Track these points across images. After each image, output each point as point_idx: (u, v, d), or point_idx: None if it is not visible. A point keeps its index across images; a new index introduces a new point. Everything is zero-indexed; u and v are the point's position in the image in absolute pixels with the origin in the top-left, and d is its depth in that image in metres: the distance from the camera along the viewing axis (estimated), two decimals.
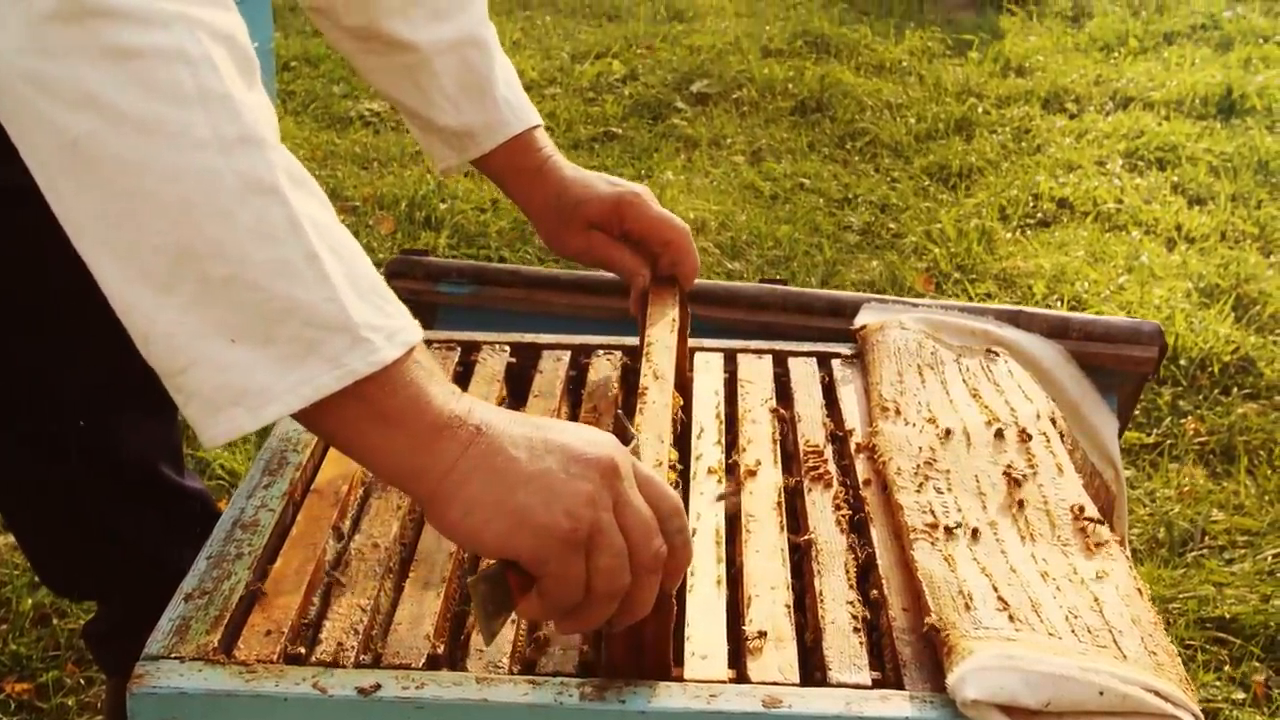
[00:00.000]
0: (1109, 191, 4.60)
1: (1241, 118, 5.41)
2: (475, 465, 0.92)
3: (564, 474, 0.93)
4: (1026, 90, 5.73)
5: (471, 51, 1.53)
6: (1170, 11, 7.03)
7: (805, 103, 5.51)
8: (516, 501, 0.91)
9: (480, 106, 1.53)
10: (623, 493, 0.94)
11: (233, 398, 0.89)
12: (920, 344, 1.58)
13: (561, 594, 0.94)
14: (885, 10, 7.01)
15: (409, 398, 0.92)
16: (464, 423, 0.93)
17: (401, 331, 0.92)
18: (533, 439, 0.94)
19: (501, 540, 0.93)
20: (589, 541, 0.93)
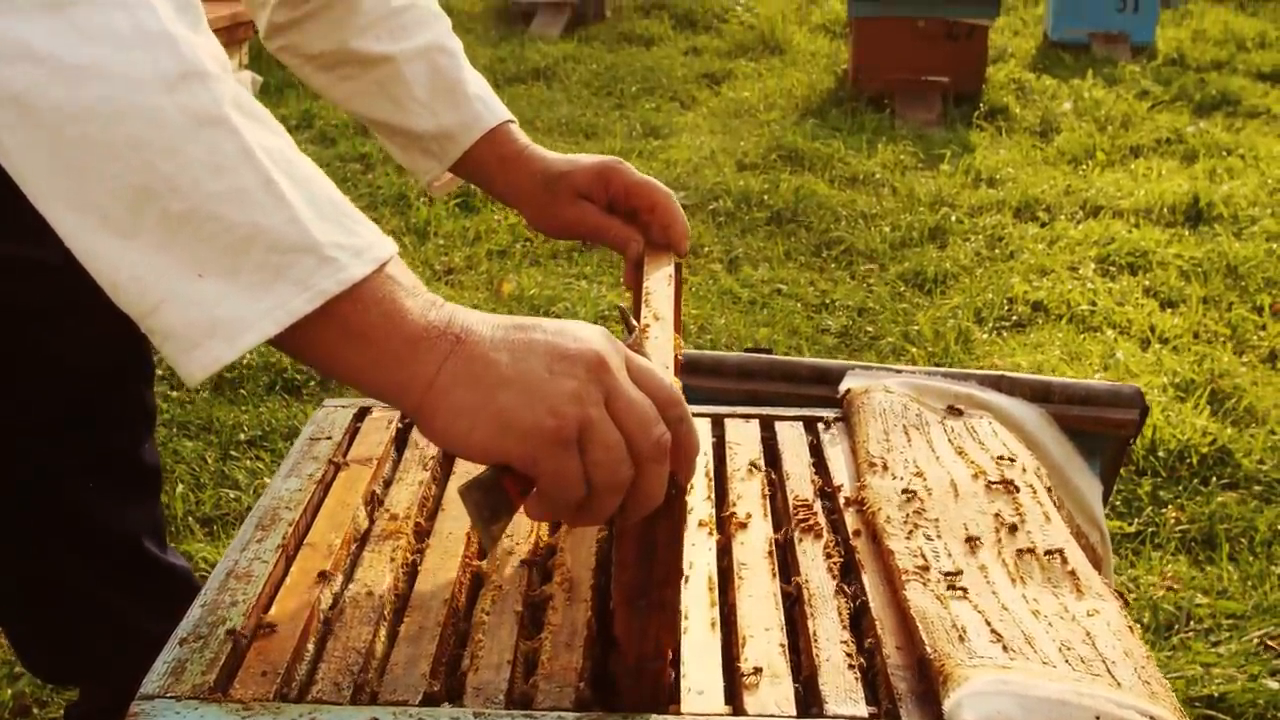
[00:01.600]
0: (1082, 294, 4.66)
1: (1209, 224, 5.52)
2: (457, 373, 0.92)
3: (547, 373, 0.92)
4: (998, 200, 5.84)
5: (440, 57, 1.56)
6: (1135, 127, 7.19)
7: (781, 213, 5.59)
8: (499, 405, 0.91)
9: (454, 107, 1.54)
10: (613, 385, 0.93)
11: (207, 330, 0.88)
12: (905, 406, 1.60)
13: (560, 493, 0.93)
14: (857, 127, 7.15)
15: (383, 314, 0.91)
16: (443, 332, 0.92)
17: (370, 248, 0.91)
18: (515, 341, 0.93)
19: (488, 445, 0.92)
20: (580, 437, 0.91)
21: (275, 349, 0.92)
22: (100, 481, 1.74)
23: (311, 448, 1.52)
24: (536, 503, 0.95)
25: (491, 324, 0.95)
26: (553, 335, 0.94)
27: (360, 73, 1.56)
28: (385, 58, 1.54)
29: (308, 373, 3.80)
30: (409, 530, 1.36)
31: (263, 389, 3.70)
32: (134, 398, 1.77)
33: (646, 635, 1.05)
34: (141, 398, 1.78)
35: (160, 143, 0.86)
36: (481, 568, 1.30)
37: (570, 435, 0.91)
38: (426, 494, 1.44)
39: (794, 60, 8.97)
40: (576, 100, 7.57)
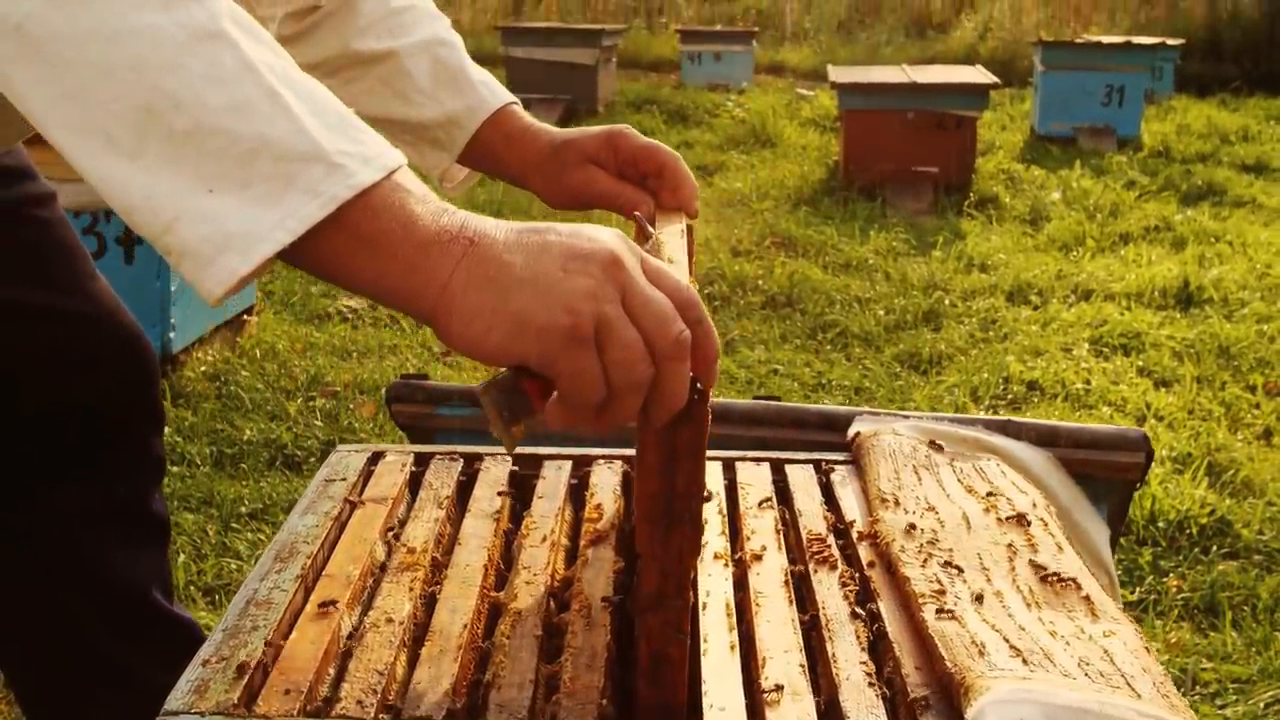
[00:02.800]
0: (1077, 374, 4.70)
1: (1200, 307, 5.57)
2: (470, 276, 0.91)
3: (561, 271, 0.91)
4: (990, 284, 5.89)
5: (440, 50, 1.58)
6: (1124, 215, 7.28)
7: (775, 297, 5.64)
8: (514, 306, 0.90)
9: (459, 94, 1.56)
10: (630, 282, 0.92)
11: (222, 245, 0.87)
12: (914, 448, 1.62)
13: (580, 393, 0.92)
14: (849, 215, 7.23)
15: (395, 219, 0.91)
16: (456, 236, 0.92)
17: (379, 156, 0.91)
18: (529, 243, 0.93)
19: (505, 346, 0.91)
20: (597, 335, 0.91)
21: (289, 265, 0.91)
22: (110, 530, 1.74)
23: (327, 488, 1.53)
24: (557, 406, 0.94)
25: (505, 228, 0.94)
26: (567, 236, 0.94)
27: (364, 72, 1.58)
28: (387, 53, 1.56)
29: (308, 449, 3.81)
30: (426, 563, 1.37)
31: (263, 464, 3.71)
32: (143, 446, 1.78)
33: (669, 550, 1.03)
34: (151, 447, 1.79)
35: (160, 60, 0.86)
36: (499, 598, 1.31)
37: (586, 333, 0.90)
38: (442, 530, 1.45)
39: (785, 153, 9.09)
40: None
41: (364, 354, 4.81)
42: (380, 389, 4.35)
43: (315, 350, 4.82)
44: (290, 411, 4.10)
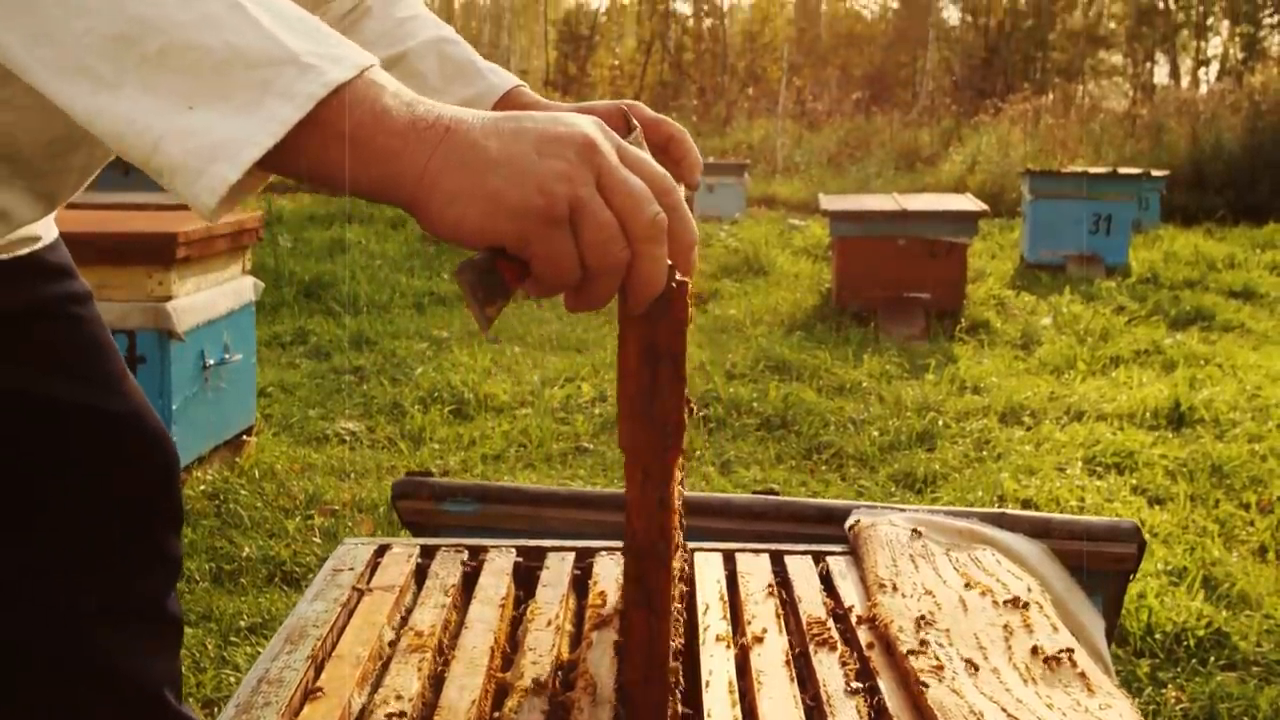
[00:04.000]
0: (1071, 492, 4.73)
1: (1192, 427, 5.62)
2: (447, 161, 0.93)
3: (536, 154, 0.93)
4: (983, 406, 5.94)
5: (446, 46, 1.62)
6: (1114, 339, 7.36)
7: (770, 419, 5.68)
8: (489, 187, 0.92)
9: (468, 83, 1.59)
10: (605, 165, 0.94)
11: (208, 156, 0.89)
12: (911, 538, 1.65)
13: (554, 273, 0.94)
14: (842, 340, 7.31)
15: (370, 112, 0.93)
16: (432, 124, 0.94)
17: (349, 57, 0.93)
18: (504, 128, 0.94)
19: (480, 226, 0.92)
20: (571, 216, 0.92)
21: (273, 171, 0.93)
22: (127, 629, 1.75)
23: (335, 577, 1.56)
24: (534, 285, 0.95)
25: (482, 115, 0.96)
26: (544, 121, 0.95)
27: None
28: (398, 57, 1.61)
29: (306, 565, 3.82)
30: (433, 646, 1.39)
31: (262, 580, 3.71)
32: (163, 546, 1.79)
33: (653, 448, 1.03)
34: (170, 546, 1.80)
35: None
36: (506, 678, 1.33)
37: (560, 213, 0.92)
38: (449, 616, 1.48)
39: (778, 280, 9.20)
40: (566, 317, 7.73)
41: (362, 474, 4.84)
42: (378, 508, 4.38)
43: (314, 470, 4.84)
44: (289, 529, 4.12)
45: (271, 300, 7.77)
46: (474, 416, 5.66)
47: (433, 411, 5.67)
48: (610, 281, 0.95)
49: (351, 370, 6.50)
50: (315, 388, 6.18)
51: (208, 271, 4.55)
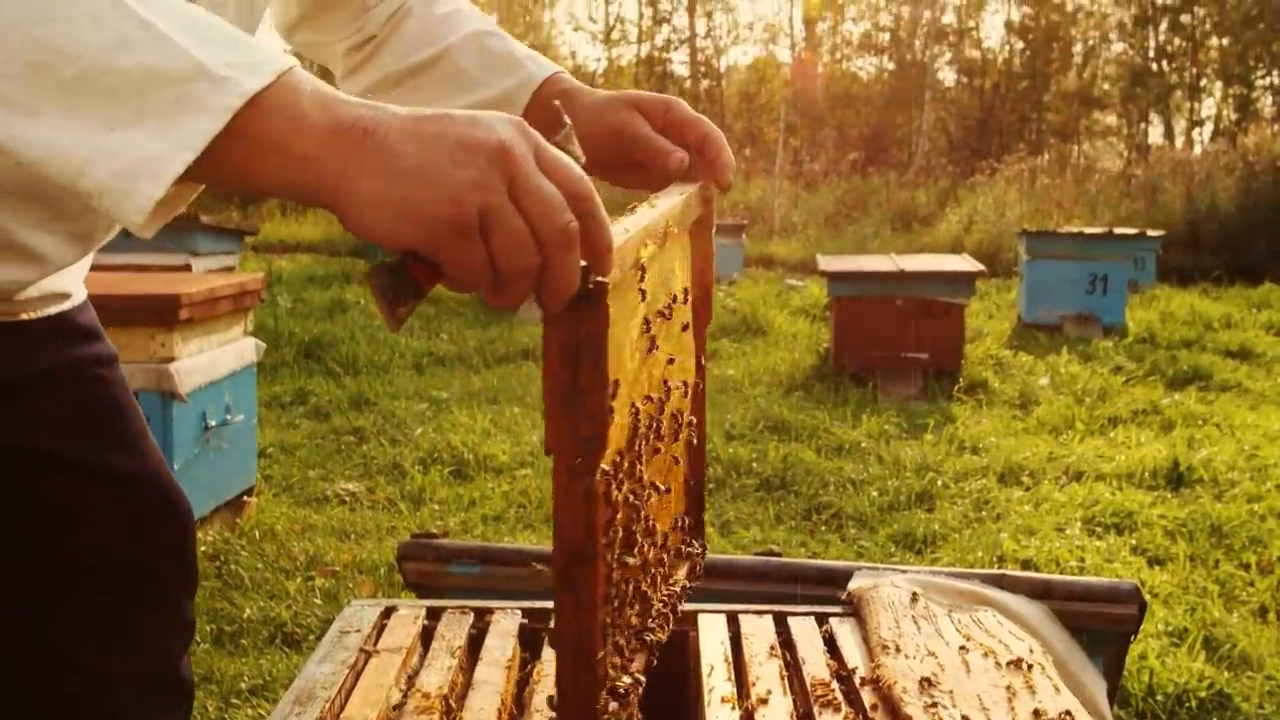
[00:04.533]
0: (1071, 552, 4.73)
1: (1190, 487, 5.63)
2: (364, 165, 0.95)
3: (449, 163, 0.95)
4: (982, 466, 5.96)
5: (486, 39, 1.65)
6: (1112, 399, 7.38)
7: (770, 480, 5.69)
8: (401, 194, 0.94)
9: (510, 73, 1.62)
10: (516, 172, 0.96)
11: (132, 176, 0.91)
12: (913, 599, 1.66)
13: (465, 277, 0.97)
14: (840, 400, 7.33)
15: (287, 118, 0.94)
16: (350, 127, 0.96)
17: (264, 64, 0.94)
18: (423, 132, 0.96)
19: (392, 231, 0.95)
20: (483, 224, 0.94)
21: (199, 181, 0.95)
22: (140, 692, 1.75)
23: (342, 639, 1.57)
24: (449, 283, 0.98)
25: (403, 116, 0.98)
26: (463, 125, 0.97)
27: (424, 79, 1.66)
28: (439, 55, 1.65)
29: (307, 626, 3.82)
30: (440, 707, 1.40)
31: (263, 642, 3.71)
32: (177, 608, 1.80)
33: (577, 439, 1.05)
34: (183, 609, 1.81)
35: (37, 14, 0.92)
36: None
37: (469, 222, 0.94)
38: (456, 678, 1.49)
39: (776, 341, 9.24)
40: None
41: (362, 535, 4.84)
42: (379, 569, 4.38)
43: (314, 531, 4.85)
44: (290, 590, 4.12)
45: (271, 360, 7.78)
46: (474, 477, 5.67)
47: (433, 472, 5.68)
48: (523, 284, 0.97)
49: (351, 431, 6.51)
50: (315, 448, 6.19)
51: (210, 333, 4.58)
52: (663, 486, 1.34)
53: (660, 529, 1.36)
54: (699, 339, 1.47)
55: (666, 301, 1.30)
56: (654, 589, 1.34)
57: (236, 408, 4.76)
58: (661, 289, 1.28)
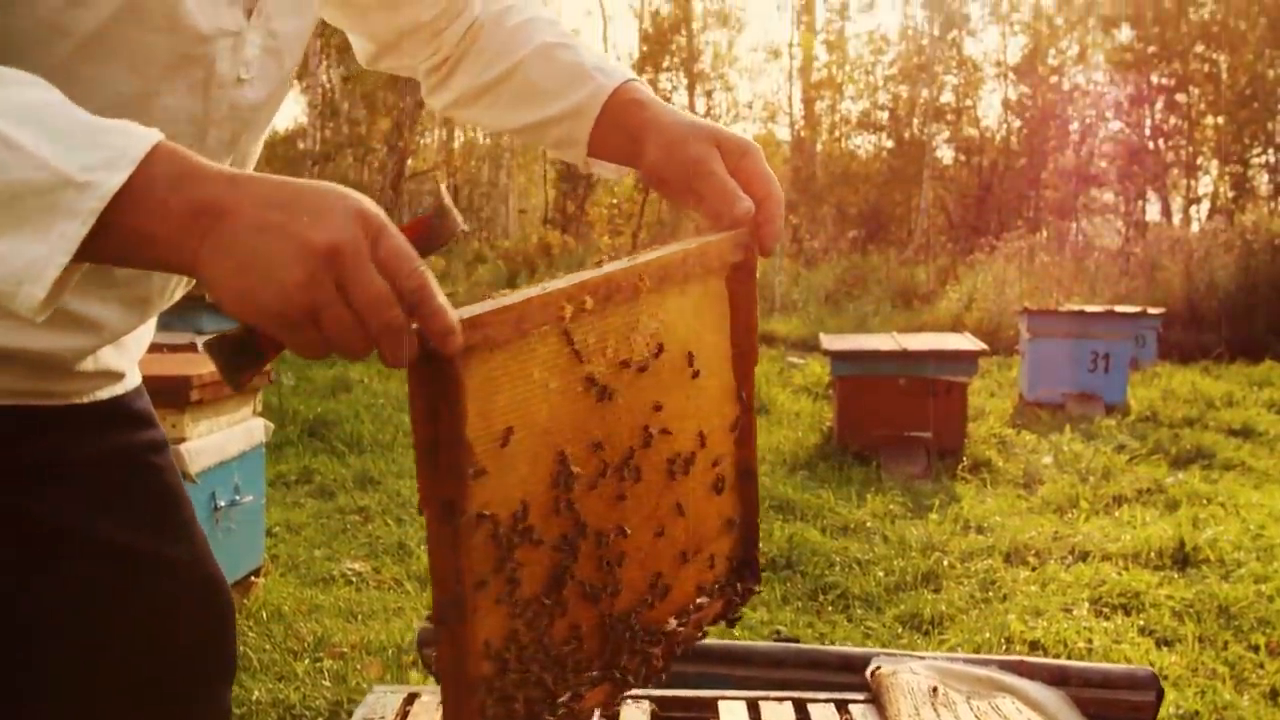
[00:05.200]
0: (1079, 633, 4.72)
1: (1197, 567, 5.63)
2: (214, 250, 1.04)
3: (284, 261, 1.03)
4: (988, 546, 5.95)
5: (554, 50, 1.69)
6: (1116, 478, 7.39)
7: (775, 559, 5.69)
8: (241, 284, 1.04)
9: (580, 86, 1.65)
10: (344, 273, 1.04)
11: (17, 280, 1.02)
12: (932, 686, 1.67)
13: (304, 351, 1.06)
14: (845, 479, 7.34)
15: (146, 210, 1.03)
16: (204, 212, 1.04)
17: (124, 153, 1.03)
18: (268, 224, 1.05)
19: (238, 311, 1.05)
20: (312, 316, 1.04)
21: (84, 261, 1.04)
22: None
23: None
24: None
25: (254, 200, 1.06)
26: (305, 224, 1.05)
27: (498, 94, 1.72)
28: (510, 71, 1.70)
29: (315, 709, 3.81)
30: None
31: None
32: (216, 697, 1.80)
33: (439, 489, 1.13)
34: (221, 698, 1.81)
35: None
36: None
37: (297, 318, 1.03)
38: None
39: (779, 419, 9.25)
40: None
41: (369, 616, 4.84)
42: (387, 650, 4.37)
43: (321, 612, 4.84)
44: (298, 672, 4.11)
45: (275, 439, 7.78)
46: None
47: None
48: (358, 356, 1.07)
49: (356, 510, 6.52)
50: (320, 528, 6.19)
51: (219, 414, 4.60)
52: (633, 529, 1.38)
53: (648, 568, 1.41)
54: (745, 377, 1.56)
55: (643, 354, 1.36)
56: (625, 627, 1.38)
57: (245, 488, 4.77)
58: (623, 342, 1.33)
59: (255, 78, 1.45)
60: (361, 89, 23.44)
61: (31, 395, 1.50)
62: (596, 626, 1.35)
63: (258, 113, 1.49)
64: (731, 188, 1.53)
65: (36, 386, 1.49)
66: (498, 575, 1.18)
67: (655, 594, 1.44)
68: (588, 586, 1.31)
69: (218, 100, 1.41)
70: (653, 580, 1.43)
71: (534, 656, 1.25)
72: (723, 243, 1.50)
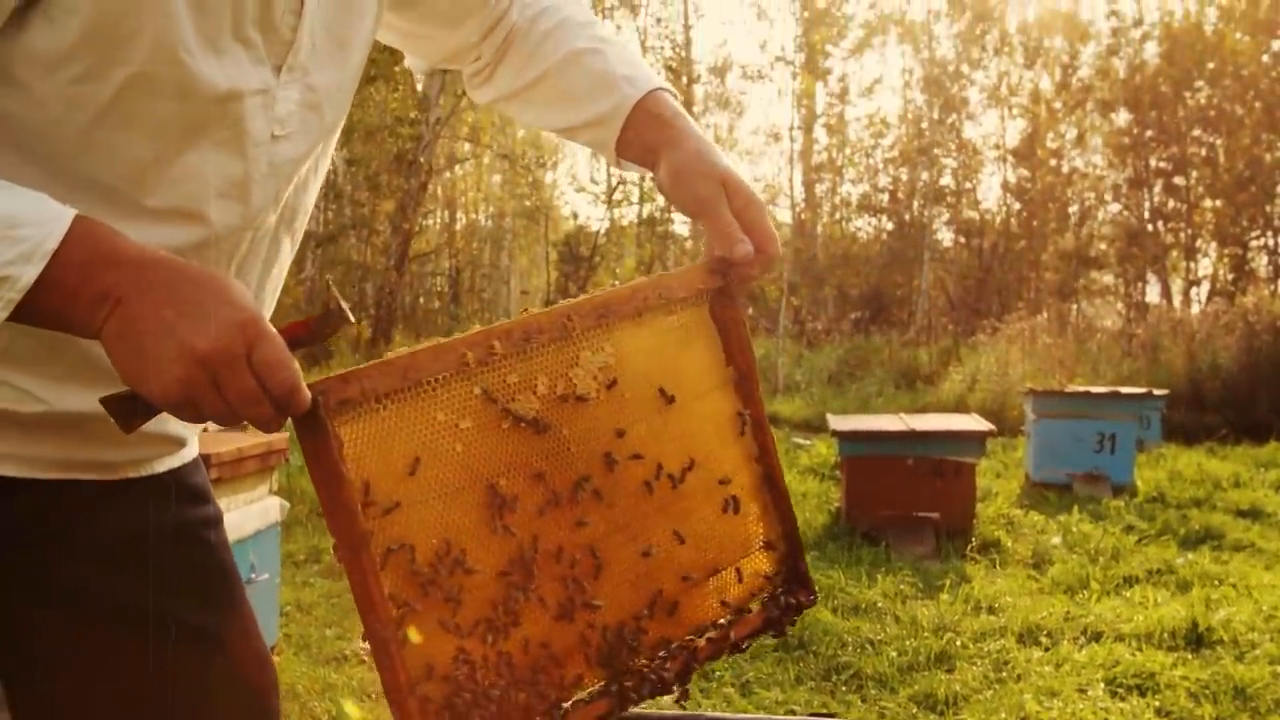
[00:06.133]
0: (1095, 714, 4.71)
1: (1211, 648, 5.61)
2: (111, 332, 1.21)
3: (167, 357, 1.19)
4: (1000, 626, 5.94)
5: (585, 58, 1.74)
6: (1126, 559, 7.38)
7: (787, 640, 5.66)
8: (134, 367, 1.20)
9: (607, 95, 1.71)
10: (220, 376, 1.20)
11: None
12: None
13: (185, 420, 1.24)
14: (854, 560, 7.32)
15: (61, 295, 1.19)
16: (104, 298, 1.20)
17: (37, 248, 1.17)
18: (159, 320, 1.20)
19: (132, 386, 1.22)
20: (190, 404, 1.21)
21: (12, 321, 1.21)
22: None
23: None
24: None
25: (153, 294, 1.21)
26: (190, 328, 1.20)
27: (532, 95, 1.79)
28: (542, 75, 1.77)
29: None
30: None
31: None
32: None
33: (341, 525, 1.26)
34: None
35: None
36: None
37: (176, 403, 1.21)
38: None
39: None
40: None
41: (382, 695, 4.80)
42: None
43: (334, 691, 4.82)
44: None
45: (287, 518, 7.78)
46: None
47: None
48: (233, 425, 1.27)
49: None
50: (331, 607, 6.17)
51: (237, 492, 4.61)
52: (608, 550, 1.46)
53: (643, 587, 1.48)
54: (749, 398, 1.64)
55: (589, 387, 1.46)
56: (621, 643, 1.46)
57: (261, 566, 4.77)
58: (559, 378, 1.44)
59: (294, 133, 1.47)
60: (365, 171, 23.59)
61: (92, 468, 1.52)
62: (577, 643, 1.42)
63: (298, 166, 1.51)
64: (735, 230, 1.60)
65: (97, 457, 1.51)
66: (427, 600, 1.29)
67: (658, 610, 1.48)
68: (555, 605, 1.39)
69: (255, 159, 1.44)
70: (651, 598, 1.49)
71: (497, 674, 1.34)
72: (686, 274, 1.58)
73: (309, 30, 1.44)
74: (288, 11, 1.40)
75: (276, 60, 1.42)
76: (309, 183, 1.59)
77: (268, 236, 1.53)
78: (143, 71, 1.30)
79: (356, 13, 1.52)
